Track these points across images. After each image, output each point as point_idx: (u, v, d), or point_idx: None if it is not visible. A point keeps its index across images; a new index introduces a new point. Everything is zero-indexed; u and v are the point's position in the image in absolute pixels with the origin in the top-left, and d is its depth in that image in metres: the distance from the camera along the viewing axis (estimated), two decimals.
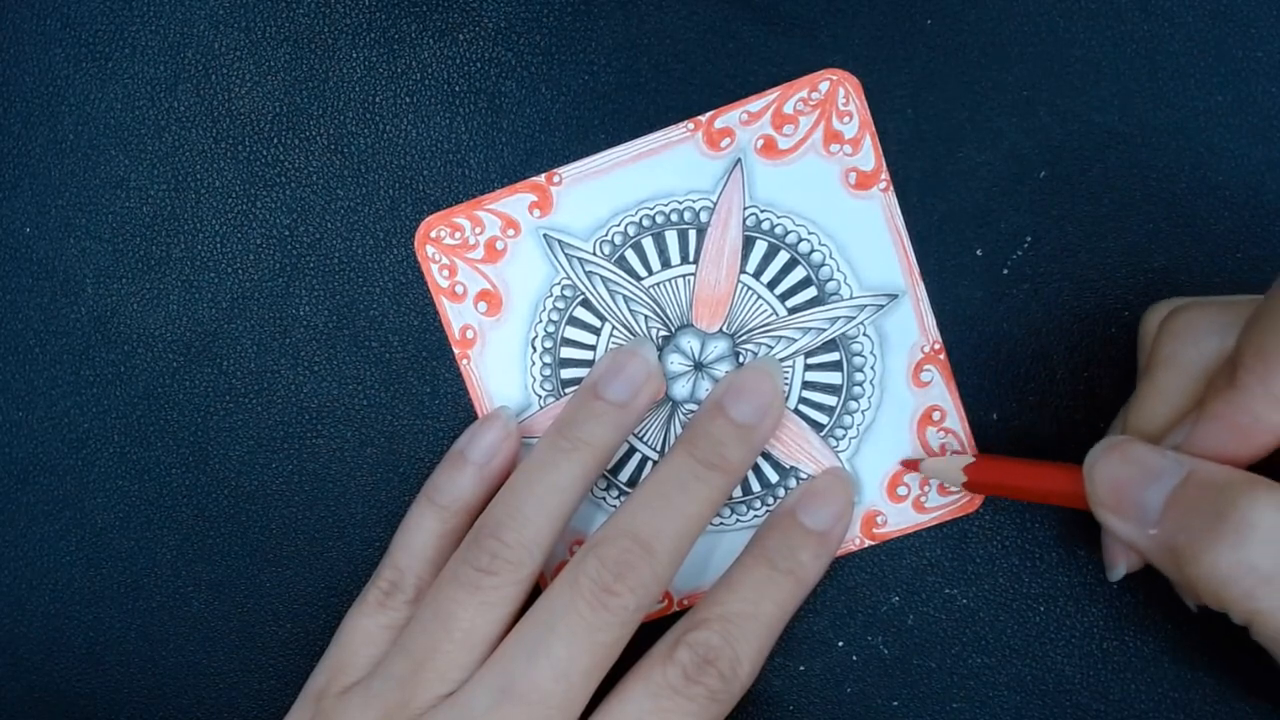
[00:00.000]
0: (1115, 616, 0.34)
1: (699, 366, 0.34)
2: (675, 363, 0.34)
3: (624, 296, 0.34)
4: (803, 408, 0.34)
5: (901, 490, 0.34)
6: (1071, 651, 0.34)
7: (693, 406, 0.34)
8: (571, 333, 0.34)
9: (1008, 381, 0.34)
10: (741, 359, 0.34)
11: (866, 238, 0.33)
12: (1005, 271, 0.34)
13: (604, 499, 0.34)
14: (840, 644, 0.34)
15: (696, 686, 0.30)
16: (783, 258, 0.33)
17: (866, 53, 0.33)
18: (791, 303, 0.34)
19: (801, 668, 0.34)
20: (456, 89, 0.34)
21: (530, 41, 0.34)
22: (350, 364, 0.35)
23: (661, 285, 0.34)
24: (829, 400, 0.34)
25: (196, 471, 0.35)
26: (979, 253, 0.34)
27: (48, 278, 0.35)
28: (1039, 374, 0.34)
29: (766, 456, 0.34)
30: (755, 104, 0.33)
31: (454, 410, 0.35)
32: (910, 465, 0.33)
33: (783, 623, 0.31)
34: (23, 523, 0.35)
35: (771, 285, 0.33)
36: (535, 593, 0.31)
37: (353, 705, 0.31)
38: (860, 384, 0.34)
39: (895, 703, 0.34)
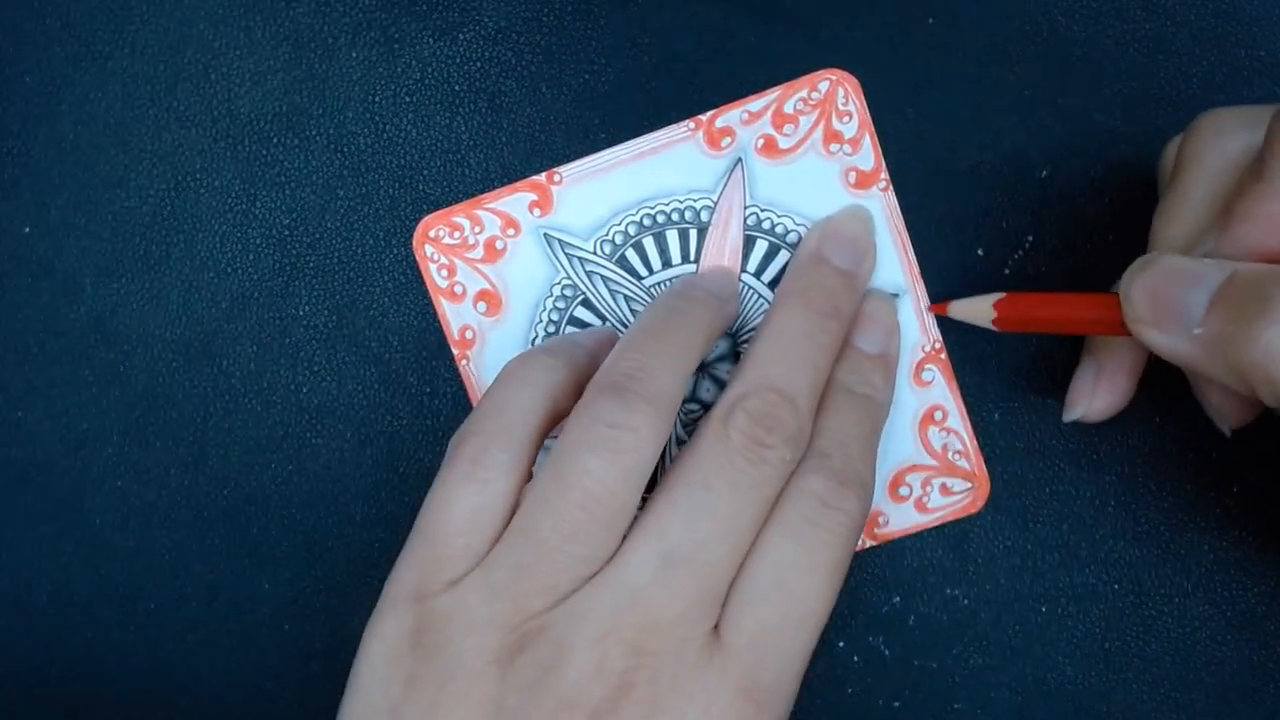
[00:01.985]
0: (1117, 617, 0.34)
1: (700, 366, 0.34)
2: None
3: (625, 296, 0.34)
4: None
5: (903, 491, 0.34)
6: (1073, 652, 0.34)
7: (693, 406, 0.34)
8: (573, 333, 0.34)
9: (1008, 381, 0.34)
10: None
11: None
12: (1006, 271, 0.34)
13: None
14: (841, 644, 0.34)
15: (821, 527, 0.29)
16: (783, 257, 0.33)
17: (867, 52, 0.33)
18: None
19: None
20: (456, 89, 0.34)
21: (530, 41, 0.34)
22: (350, 364, 0.35)
23: (662, 285, 0.34)
24: None
25: (195, 472, 0.35)
26: (980, 253, 0.34)
27: (47, 277, 0.35)
28: (1039, 374, 0.34)
29: None
30: (755, 103, 0.33)
31: (454, 410, 0.34)
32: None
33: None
34: (21, 523, 0.35)
35: (773, 285, 0.33)
36: None
37: (472, 600, 0.27)
38: None
39: (897, 703, 0.34)
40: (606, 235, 0.34)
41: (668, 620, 0.27)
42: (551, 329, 0.34)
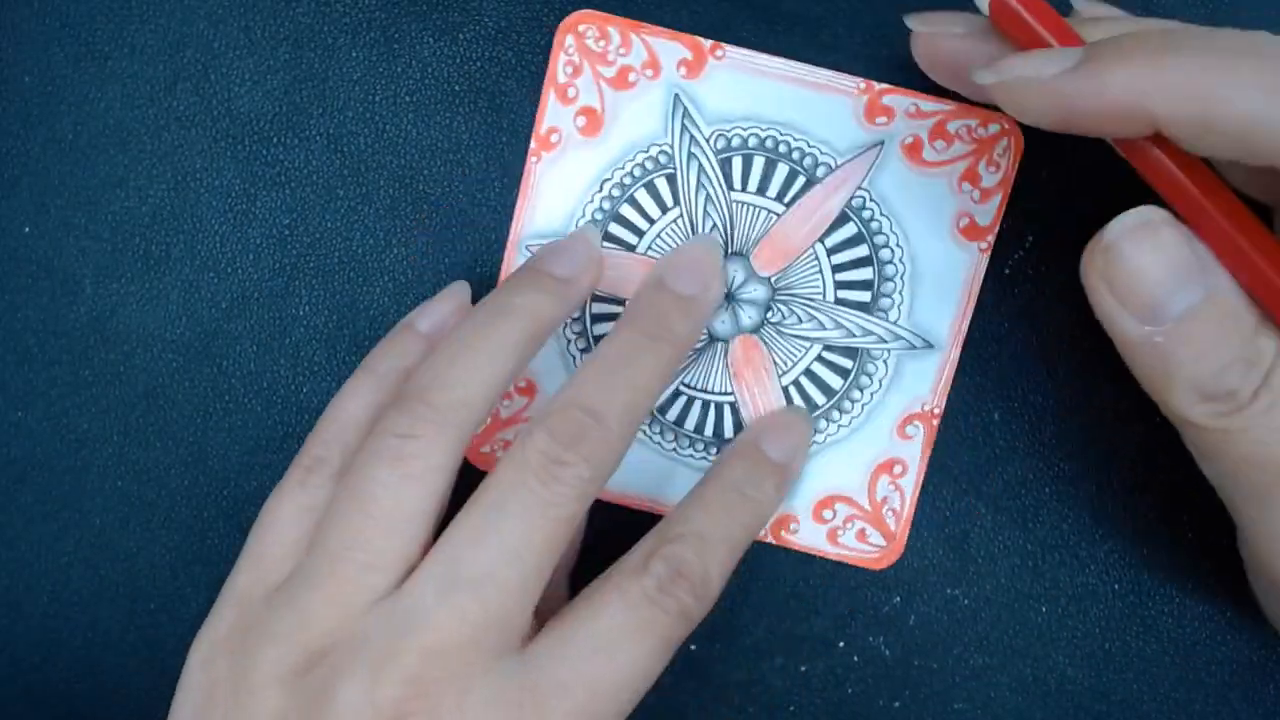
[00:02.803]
0: (1117, 617, 0.34)
1: (729, 297, 0.33)
2: None
3: (707, 195, 0.33)
4: (792, 389, 0.34)
5: (827, 515, 0.33)
6: (1073, 652, 0.34)
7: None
8: (642, 197, 0.33)
9: (1008, 381, 0.34)
10: (769, 312, 0.33)
11: (941, 282, 0.33)
12: (1006, 272, 0.34)
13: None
14: (841, 644, 0.34)
15: (669, 599, 0.28)
16: (861, 251, 0.33)
17: (868, 52, 0.33)
18: (842, 295, 0.33)
19: (803, 668, 0.34)
20: (456, 89, 0.34)
21: (530, 41, 0.34)
22: (350, 364, 0.34)
23: (745, 206, 0.33)
24: (819, 398, 0.34)
25: (195, 472, 0.35)
26: (980, 253, 0.34)
27: (47, 277, 0.35)
28: (1039, 374, 0.34)
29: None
30: (928, 104, 0.33)
31: None
32: None
33: (744, 548, 0.30)
34: (20, 523, 0.35)
35: (836, 269, 0.33)
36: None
37: (279, 611, 0.28)
38: (854, 401, 0.34)
39: (897, 703, 0.34)
40: (728, 132, 0.33)
41: (452, 645, 0.27)
42: (628, 180, 0.33)
